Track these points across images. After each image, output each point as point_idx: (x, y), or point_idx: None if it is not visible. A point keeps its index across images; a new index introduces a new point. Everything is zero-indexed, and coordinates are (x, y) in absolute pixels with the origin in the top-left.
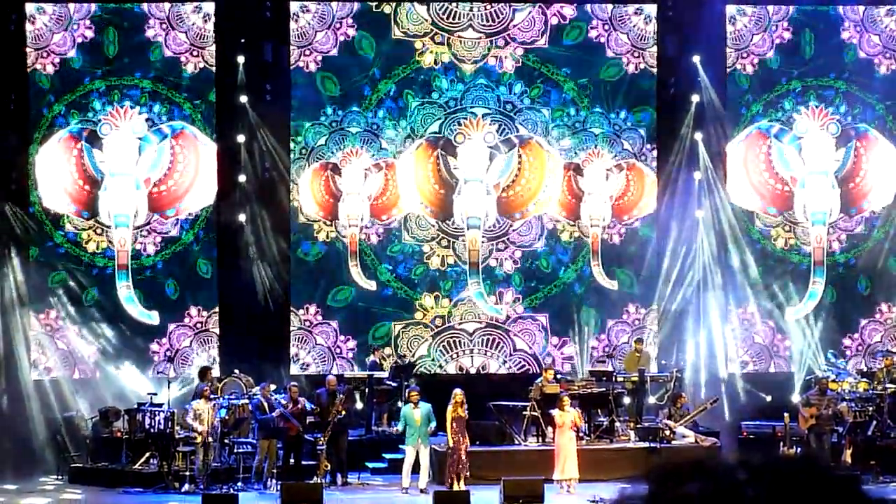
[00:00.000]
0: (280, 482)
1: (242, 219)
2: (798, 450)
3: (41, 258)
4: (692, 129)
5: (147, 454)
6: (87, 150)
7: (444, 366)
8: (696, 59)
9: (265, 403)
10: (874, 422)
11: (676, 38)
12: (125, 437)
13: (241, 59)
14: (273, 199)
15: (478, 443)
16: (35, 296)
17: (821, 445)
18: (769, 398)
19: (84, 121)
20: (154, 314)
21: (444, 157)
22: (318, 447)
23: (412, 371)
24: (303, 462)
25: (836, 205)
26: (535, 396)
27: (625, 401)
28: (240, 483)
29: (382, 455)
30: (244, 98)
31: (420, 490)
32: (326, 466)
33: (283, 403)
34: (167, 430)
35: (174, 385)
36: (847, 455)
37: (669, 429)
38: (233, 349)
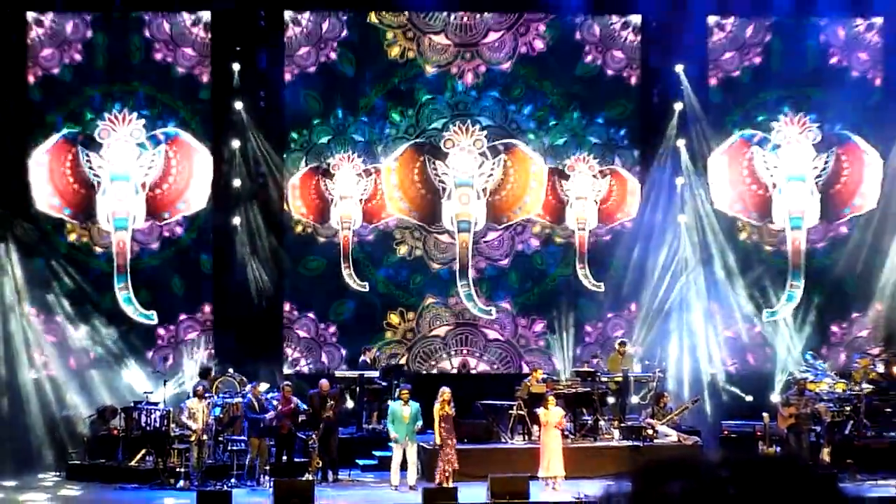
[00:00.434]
0: (272, 479)
1: (237, 221)
2: (777, 449)
3: (40, 260)
4: (675, 137)
5: (143, 451)
6: (82, 155)
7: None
8: (679, 69)
9: (255, 403)
10: (851, 422)
11: (659, 49)
12: (122, 435)
13: (236, 67)
14: (266, 202)
15: (465, 440)
16: (34, 296)
17: (799, 444)
18: (749, 398)
19: (79, 126)
20: (152, 314)
21: (431, 162)
22: (310, 445)
23: (402, 371)
24: (295, 459)
25: (815, 210)
26: (522, 396)
27: (609, 400)
28: (233, 480)
29: (372, 452)
30: (239, 104)
31: (409, 487)
32: (318, 463)
33: (275, 403)
34: (163, 428)
35: (170, 384)
36: (825, 454)
37: (652, 428)
38: (227, 349)
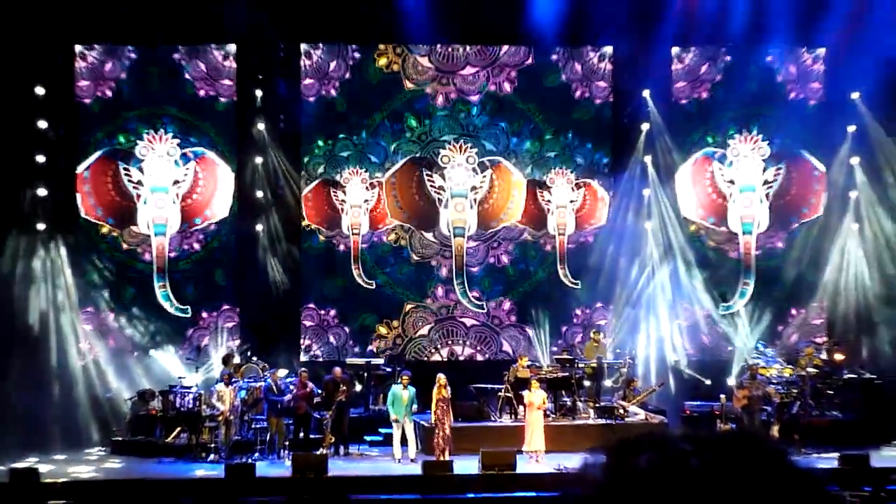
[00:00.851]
0: (291, 453)
1: (259, 228)
2: (733, 426)
3: (86, 262)
4: (642, 153)
5: (178, 429)
6: (123, 169)
7: (437, 350)
8: (646, 93)
9: (275, 386)
10: (798, 402)
11: (628, 75)
12: (159, 415)
13: (259, 93)
14: (285, 211)
15: (460, 419)
16: (82, 294)
17: (752, 422)
18: (708, 381)
19: (120, 144)
20: (186, 308)
21: (429, 176)
22: (324, 423)
23: (404, 359)
24: (311, 436)
25: (765, 217)
26: (510, 380)
27: (585, 384)
28: (257, 454)
29: (378, 430)
30: (261, 125)
31: (410, 460)
32: (331, 439)
33: (292, 387)
34: (195, 409)
35: (201, 370)
36: (774, 430)
37: (623, 408)
38: (251, 339)
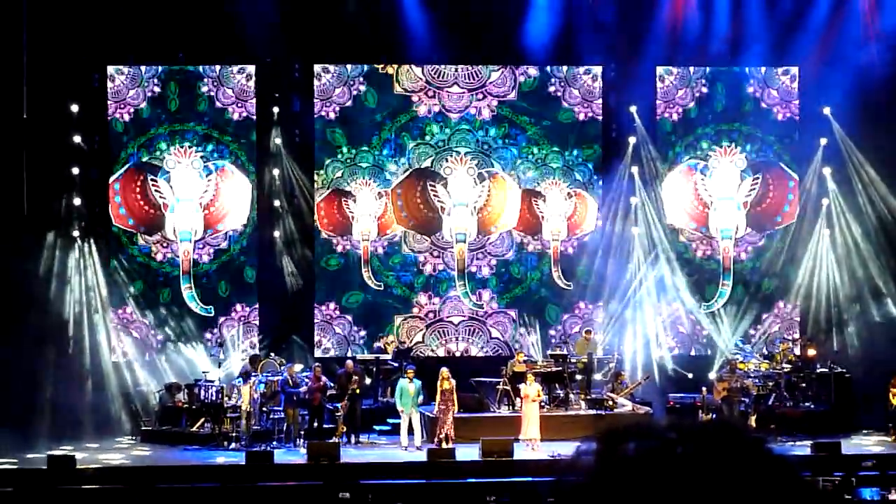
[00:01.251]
0: (306, 441)
1: (276, 234)
2: (714, 416)
3: (117, 266)
4: (629, 164)
5: (202, 420)
6: (150, 181)
7: (436, 350)
8: (633, 109)
9: (291, 380)
10: (774, 395)
11: (616, 93)
12: (185, 406)
13: (276, 110)
14: (300, 219)
15: (461, 410)
16: (113, 295)
17: (731, 413)
18: (690, 375)
19: (148, 157)
20: (209, 308)
21: (432, 186)
22: (337, 414)
23: (410, 354)
24: (324, 426)
25: (742, 223)
26: (508, 374)
27: (577, 378)
28: (275, 442)
29: (387, 420)
30: (278, 140)
31: (416, 447)
32: (343, 429)
33: (307, 381)
34: (218, 401)
35: (223, 365)
36: (752, 420)
37: (612, 400)
38: (269, 337)
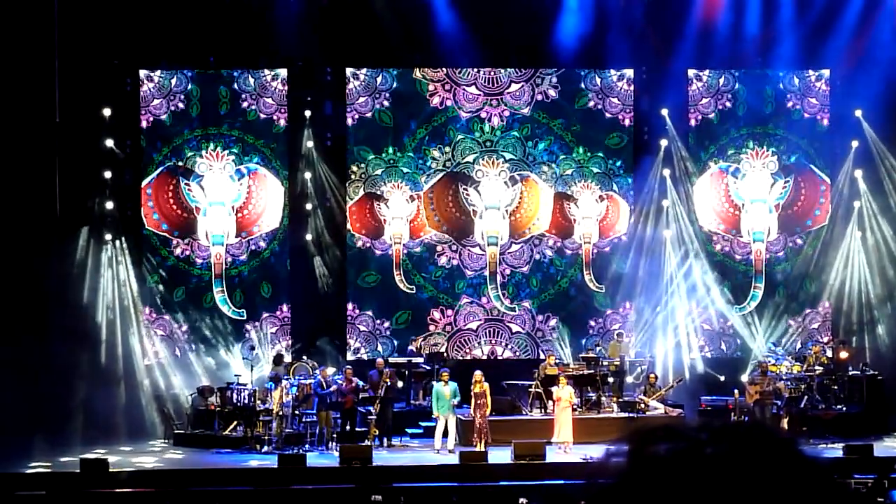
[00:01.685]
0: (338, 444)
1: (309, 237)
2: (745, 419)
3: (151, 269)
4: (661, 167)
5: (235, 423)
6: (183, 184)
7: (471, 350)
8: (664, 112)
9: (324, 383)
10: (805, 397)
11: (648, 96)
12: (217, 410)
13: (307, 113)
14: (332, 222)
15: (493, 413)
16: (146, 299)
17: (763, 416)
18: (723, 378)
19: (181, 161)
20: (242, 311)
21: (464, 189)
22: (369, 417)
23: (443, 357)
24: (357, 428)
25: (774, 226)
26: (540, 377)
27: (609, 380)
28: (307, 445)
29: (419, 423)
30: (310, 143)
31: (449, 451)
32: (375, 432)
33: (340, 383)
34: (250, 404)
35: (255, 369)
36: (784, 423)
37: (644, 402)
38: (302, 339)
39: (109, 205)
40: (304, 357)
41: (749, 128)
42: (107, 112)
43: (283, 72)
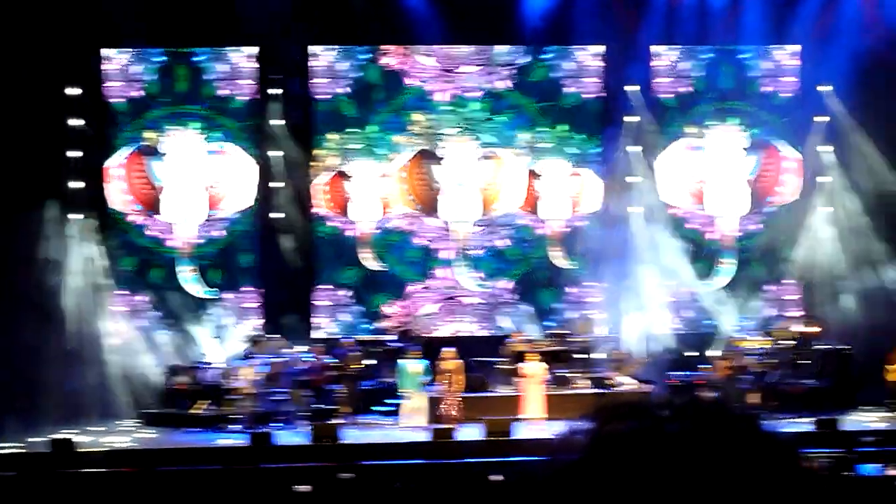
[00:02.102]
0: (309, 422)
1: (278, 216)
2: (715, 394)
3: (120, 249)
4: (629, 144)
5: (204, 402)
6: (151, 163)
7: (441, 327)
8: (631, 88)
9: (294, 361)
10: (776, 372)
11: (615, 72)
12: (187, 388)
13: (275, 91)
14: (300, 200)
15: (464, 390)
16: (114, 278)
17: (733, 390)
18: (692, 353)
19: (149, 140)
20: (212, 290)
21: (434, 166)
22: (338, 395)
23: (412, 334)
24: (326, 406)
25: (742, 201)
26: (509, 353)
27: (578, 356)
28: (277, 424)
29: (388, 401)
30: (277, 121)
31: (418, 428)
32: (345, 410)
33: (308, 362)
34: (220, 383)
35: (225, 347)
36: (754, 398)
37: (614, 378)
38: (271, 318)
39: (75, 184)
40: (275, 335)
41: (717, 103)
42: (73, 91)
43: (251, 49)
